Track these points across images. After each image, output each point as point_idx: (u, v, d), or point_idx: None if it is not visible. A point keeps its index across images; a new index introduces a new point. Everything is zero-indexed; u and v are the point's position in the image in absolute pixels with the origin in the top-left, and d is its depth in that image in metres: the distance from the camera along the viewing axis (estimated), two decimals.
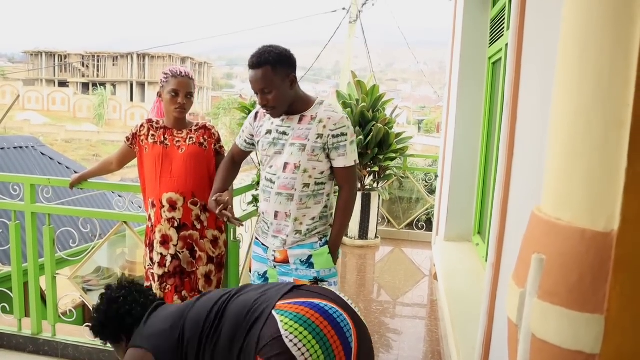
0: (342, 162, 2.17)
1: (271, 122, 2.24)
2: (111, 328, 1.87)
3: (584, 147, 0.75)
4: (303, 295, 1.67)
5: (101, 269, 7.09)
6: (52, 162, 8.68)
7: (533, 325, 0.78)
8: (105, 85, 51.27)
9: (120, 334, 1.86)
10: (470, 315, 2.69)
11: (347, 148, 2.15)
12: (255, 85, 2.10)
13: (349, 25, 11.10)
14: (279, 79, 2.07)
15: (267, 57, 2.06)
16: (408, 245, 5.89)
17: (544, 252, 0.79)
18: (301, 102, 2.18)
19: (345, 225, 2.28)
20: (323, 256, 2.21)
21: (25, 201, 2.92)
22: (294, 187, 2.15)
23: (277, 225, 2.21)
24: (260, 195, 2.30)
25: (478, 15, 4.12)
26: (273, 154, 2.20)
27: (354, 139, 2.21)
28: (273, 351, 1.50)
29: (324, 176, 2.20)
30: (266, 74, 2.06)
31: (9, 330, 3.03)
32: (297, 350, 1.49)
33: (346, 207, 2.24)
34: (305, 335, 1.52)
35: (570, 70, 0.79)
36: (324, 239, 2.23)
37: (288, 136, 2.16)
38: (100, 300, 1.92)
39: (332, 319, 1.59)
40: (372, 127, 5.31)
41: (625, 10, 0.70)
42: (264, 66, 2.06)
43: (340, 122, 2.13)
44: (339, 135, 2.13)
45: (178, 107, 2.47)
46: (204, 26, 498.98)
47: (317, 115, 2.15)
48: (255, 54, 2.10)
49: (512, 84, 1.88)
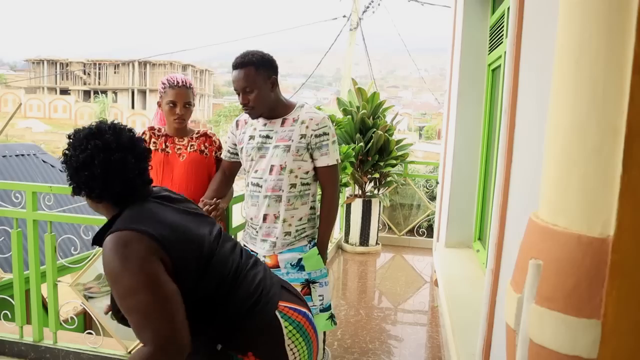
0: (324, 161, 2.24)
1: (253, 128, 2.29)
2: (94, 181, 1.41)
3: (579, 154, 0.76)
4: (291, 298, 1.64)
5: (102, 276, 7.09)
6: (53, 169, 8.70)
7: (530, 330, 0.79)
8: (106, 93, 51.40)
9: (100, 191, 1.43)
10: (471, 322, 2.69)
11: (329, 147, 2.23)
12: (237, 84, 2.16)
13: (350, 32, 11.16)
14: (261, 79, 2.14)
15: (250, 58, 2.14)
16: (409, 252, 5.88)
17: (541, 257, 0.80)
18: (282, 106, 2.25)
19: (331, 224, 2.36)
20: (313, 257, 2.27)
21: (27, 208, 2.93)
22: (281, 188, 2.21)
23: (266, 228, 2.26)
24: (247, 200, 2.34)
25: (477, 22, 4.14)
26: (258, 157, 2.25)
27: (336, 139, 2.29)
28: (274, 355, 1.50)
29: (309, 176, 2.26)
30: (249, 73, 2.12)
31: (11, 337, 3.03)
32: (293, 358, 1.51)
33: (331, 206, 2.32)
34: (302, 346, 1.54)
35: (565, 79, 0.80)
36: (312, 241, 2.30)
37: (272, 139, 2.23)
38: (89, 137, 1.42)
39: (315, 328, 1.62)
40: (373, 134, 5.32)
41: (619, 20, 0.71)
42: (248, 66, 2.13)
43: (322, 122, 2.22)
44: (321, 135, 2.21)
45: (177, 118, 2.49)
46: (205, 34, 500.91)
47: (299, 117, 2.23)
48: (239, 56, 2.17)
49: (510, 91, 1.89)
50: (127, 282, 1.27)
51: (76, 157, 1.39)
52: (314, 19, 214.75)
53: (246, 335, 1.44)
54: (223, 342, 1.43)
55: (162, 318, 1.26)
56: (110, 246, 1.32)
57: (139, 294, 1.26)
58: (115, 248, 1.31)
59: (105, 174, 1.39)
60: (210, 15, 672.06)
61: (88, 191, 1.43)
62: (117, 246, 1.31)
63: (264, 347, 1.46)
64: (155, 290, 1.27)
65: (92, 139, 1.41)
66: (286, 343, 1.49)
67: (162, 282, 1.29)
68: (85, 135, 1.42)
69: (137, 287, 1.26)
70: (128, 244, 1.31)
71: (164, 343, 1.24)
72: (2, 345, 3.02)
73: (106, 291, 7.19)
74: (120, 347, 2.94)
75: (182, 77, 2.56)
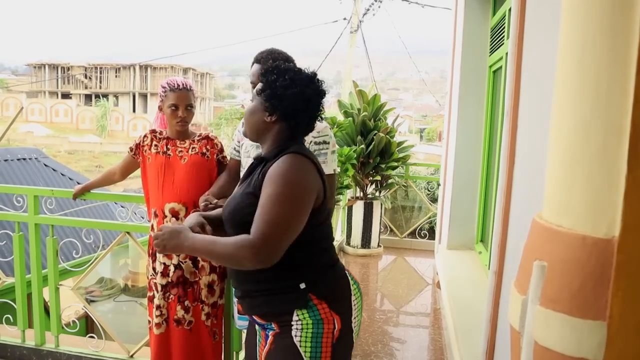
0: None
1: None
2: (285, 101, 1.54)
3: (583, 154, 0.75)
4: None
5: (104, 280, 7.09)
6: (55, 173, 8.70)
7: (535, 332, 0.78)
8: (107, 97, 51.56)
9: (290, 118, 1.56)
10: (473, 324, 2.68)
11: (328, 156, 2.20)
12: (258, 77, 2.16)
13: (350, 35, 11.16)
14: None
15: (277, 57, 2.17)
16: (411, 254, 5.87)
17: (545, 258, 0.79)
18: None
19: None
20: None
21: (29, 212, 2.93)
22: None
23: None
24: None
25: (478, 24, 4.14)
26: (255, 155, 2.24)
27: (335, 149, 2.26)
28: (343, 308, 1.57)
29: None
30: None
31: (13, 341, 3.03)
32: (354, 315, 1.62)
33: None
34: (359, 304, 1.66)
35: (569, 79, 0.80)
36: None
37: None
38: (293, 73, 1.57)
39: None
40: (374, 136, 5.32)
41: (623, 19, 0.71)
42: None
43: (323, 131, 2.19)
44: (321, 143, 2.18)
45: (180, 121, 2.49)
46: (205, 37, 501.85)
47: None
48: (264, 50, 2.20)
49: (512, 92, 1.89)
50: (285, 190, 1.44)
51: (299, 91, 1.55)
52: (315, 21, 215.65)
53: (327, 283, 1.56)
54: (307, 284, 1.53)
55: (282, 231, 1.42)
56: (295, 160, 1.50)
57: (285, 204, 1.43)
58: (298, 166, 1.49)
59: (313, 112, 1.60)
60: (211, 18, 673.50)
61: (292, 120, 1.57)
62: (300, 165, 1.50)
63: (338, 299, 1.57)
64: (296, 212, 1.45)
65: (312, 82, 1.59)
66: (352, 298, 1.60)
67: (304, 211, 1.47)
68: (308, 76, 1.60)
69: (288, 200, 1.43)
70: (308, 171, 1.51)
71: (264, 246, 1.38)
72: (4, 349, 3.01)
73: (107, 295, 7.19)
74: (122, 350, 2.93)
75: (183, 80, 2.56)
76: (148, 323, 2.59)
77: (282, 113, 1.56)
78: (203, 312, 2.53)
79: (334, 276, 1.60)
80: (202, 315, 2.53)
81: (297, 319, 1.50)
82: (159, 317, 2.50)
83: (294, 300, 1.51)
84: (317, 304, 1.50)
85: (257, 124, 1.62)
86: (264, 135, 1.62)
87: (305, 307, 1.50)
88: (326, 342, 1.50)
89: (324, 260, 1.58)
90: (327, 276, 1.57)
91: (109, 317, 6.49)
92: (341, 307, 1.55)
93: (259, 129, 1.62)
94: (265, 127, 1.61)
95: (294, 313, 1.50)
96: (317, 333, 1.50)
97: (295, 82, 1.55)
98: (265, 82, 1.58)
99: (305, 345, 1.49)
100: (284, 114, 1.56)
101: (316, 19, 22.63)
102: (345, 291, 1.59)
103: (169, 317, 2.51)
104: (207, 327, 2.55)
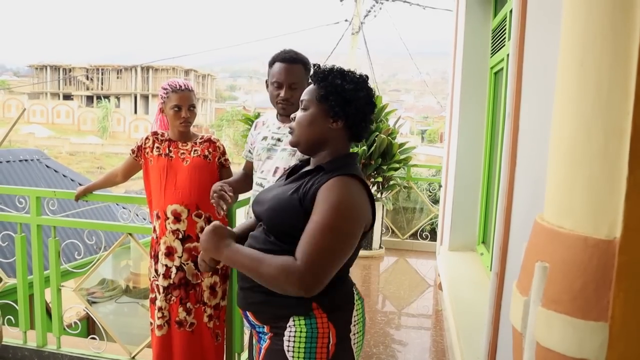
0: None
1: (268, 129, 2.32)
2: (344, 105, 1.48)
3: (585, 156, 0.75)
4: None
5: (106, 281, 7.10)
6: (57, 174, 8.71)
7: (537, 333, 0.79)
8: (109, 98, 51.61)
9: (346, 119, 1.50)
10: (475, 325, 2.68)
11: None
12: (286, 78, 2.18)
13: (352, 36, 11.17)
14: (305, 81, 2.17)
15: (302, 57, 2.20)
16: (412, 255, 5.87)
17: (547, 260, 0.79)
18: None
19: None
20: None
21: (31, 213, 2.94)
22: None
23: None
24: (251, 199, 2.33)
25: (479, 25, 4.14)
26: (265, 158, 2.27)
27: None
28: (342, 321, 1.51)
29: None
30: (300, 71, 2.19)
31: (14, 342, 3.03)
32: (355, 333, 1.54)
33: None
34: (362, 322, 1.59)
35: (570, 80, 0.80)
36: None
37: (282, 142, 2.24)
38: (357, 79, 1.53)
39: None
40: (376, 137, 5.32)
41: (624, 21, 0.71)
42: (299, 64, 2.19)
43: None
44: None
45: (182, 122, 2.49)
46: (207, 39, 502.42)
47: None
48: (287, 51, 2.22)
49: (513, 93, 1.89)
50: (338, 223, 1.37)
51: (366, 94, 1.52)
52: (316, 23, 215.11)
53: (333, 295, 1.48)
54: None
55: (330, 263, 1.37)
56: (349, 187, 1.43)
57: (337, 237, 1.38)
58: (352, 194, 1.42)
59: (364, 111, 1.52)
60: (212, 20, 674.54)
61: (355, 124, 1.53)
62: (353, 192, 1.43)
63: (338, 311, 1.49)
64: (347, 244, 1.40)
65: (364, 83, 1.54)
66: (354, 313, 1.53)
67: (354, 243, 1.43)
68: (360, 77, 1.55)
69: (340, 233, 1.38)
70: (361, 201, 1.45)
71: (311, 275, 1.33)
72: (5, 351, 3.02)
73: (109, 296, 7.20)
74: (124, 352, 2.94)
75: (183, 81, 2.57)
76: (150, 325, 2.59)
77: (351, 118, 1.50)
78: (205, 314, 2.53)
79: (342, 290, 1.52)
80: (204, 318, 2.53)
81: (292, 324, 1.43)
82: (160, 319, 2.50)
83: (294, 305, 1.42)
84: (317, 315, 1.43)
85: (319, 133, 1.52)
86: (325, 144, 1.53)
87: (304, 315, 1.43)
88: (320, 357, 1.42)
89: (338, 273, 1.48)
90: (335, 288, 1.47)
91: (111, 319, 6.50)
92: (339, 321, 1.47)
93: (321, 138, 1.53)
94: (329, 135, 1.52)
95: (290, 319, 1.43)
96: (310, 345, 1.42)
97: (359, 85, 1.51)
98: (330, 87, 1.50)
99: (297, 356, 1.42)
100: (353, 119, 1.50)
101: (317, 21, 22.71)
102: (348, 305, 1.52)
103: (170, 318, 2.52)
104: (209, 329, 2.55)
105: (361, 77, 1.55)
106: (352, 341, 1.50)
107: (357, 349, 1.53)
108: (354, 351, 1.51)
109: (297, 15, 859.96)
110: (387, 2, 11.39)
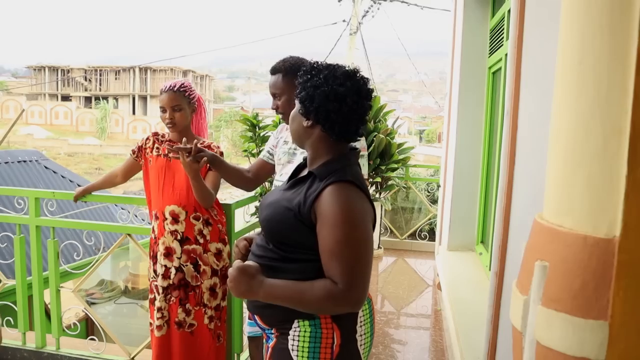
0: None
1: (289, 134, 2.28)
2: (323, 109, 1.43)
3: (584, 155, 0.75)
4: None
5: (105, 282, 7.10)
6: (55, 175, 8.70)
7: (537, 332, 0.79)
8: (107, 99, 51.52)
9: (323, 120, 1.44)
10: (474, 325, 2.68)
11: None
12: (270, 88, 2.22)
13: (350, 37, 11.17)
14: (287, 86, 2.15)
15: (281, 66, 2.18)
16: (411, 256, 5.87)
17: (546, 259, 0.79)
18: None
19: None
20: None
21: (30, 214, 2.94)
22: None
23: None
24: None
25: (477, 25, 4.15)
26: (286, 162, 2.26)
27: (365, 153, 2.24)
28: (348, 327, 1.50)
29: None
30: (277, 80, 2.18)
31: (13, 344, 3.03)
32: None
33: None
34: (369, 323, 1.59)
35: (569, 79, 0.80)
36: None
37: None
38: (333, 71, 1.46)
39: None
40: (374, 137, 5.32)
41: (622, 19, 0.71)
42: (278, 72, 2.19)
43: None
44: None
45: (168, 122, 2.49)
46: (205, 39, 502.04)
47: None
48: (279, 60, 2.24)
49: (512, 93, 1.89)
50: (353, 233, 1.37)
51: (330, 89, 1.43)
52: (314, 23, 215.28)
53: None
54: None
55: (364, 273, 1.38)
56: (349, 196, 1.40)
57: (359, 247, 1.38)
58: (354, 202, 1.40)
59: (350, 113, 1.44)
60: (210, 20, 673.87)
61: (326, 122, 1.45)
62: (354, 199, 1.40)
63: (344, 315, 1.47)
64: (368, 249, 1.41)
65: (349, 79, 1.45)
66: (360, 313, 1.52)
67: (372, 244, 1.43)
68: (343, 73, 1.46)
69: (358, 242, 1.38)
70: (364, 206, 1.42)
71: (355, 291, 1.35)
72: (4, 352, 3.01)
73: (108, 297, 7.19)
74: (123, 352, 2.93)
75: (175, 81, 2.53)
76: (149, 325, 2.59)
77: (315, 115, 1.45)
78: (206, 316, 2.53)
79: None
80: (204, 319, 2.53)
81: (297, 325, 1.44)
82: (160, 320, 2.50)
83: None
84: (321, 317, 1.43)
85: (297, 130, 1.53)
86: (305, 142, 1.53)
87: (308, 318, 1.43)
88: (324, 357, 1.43)
89: None
90: None
91: (110, 320, 6.50)
92: (344, 322, 1.46)
93: (300, 136, 1.54)
94: (305, 133, 1.51)
95: (295, 321, 1.44)
96: (314, 345, 1.43)
97: (327, 80, 1.44)
98: (300, 84, 1.49)
99: (301, 355, 1.43)
100: (316, 116, 1.45)
101: (315, 21, 22.70)
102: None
103: (170, 319, 2.51)
104: (210, 330, 2.55)
105: (337, 72, 1.46)
106: (359, 342, 1.50)
107: (364, 350, 1.53)
108: (361, 352, 1.51)
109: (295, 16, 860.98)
110: (385, 3, 11.40)
